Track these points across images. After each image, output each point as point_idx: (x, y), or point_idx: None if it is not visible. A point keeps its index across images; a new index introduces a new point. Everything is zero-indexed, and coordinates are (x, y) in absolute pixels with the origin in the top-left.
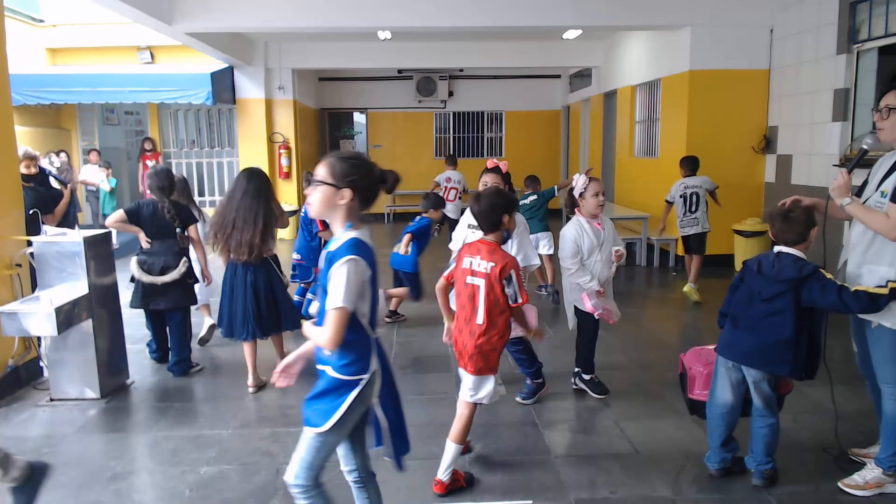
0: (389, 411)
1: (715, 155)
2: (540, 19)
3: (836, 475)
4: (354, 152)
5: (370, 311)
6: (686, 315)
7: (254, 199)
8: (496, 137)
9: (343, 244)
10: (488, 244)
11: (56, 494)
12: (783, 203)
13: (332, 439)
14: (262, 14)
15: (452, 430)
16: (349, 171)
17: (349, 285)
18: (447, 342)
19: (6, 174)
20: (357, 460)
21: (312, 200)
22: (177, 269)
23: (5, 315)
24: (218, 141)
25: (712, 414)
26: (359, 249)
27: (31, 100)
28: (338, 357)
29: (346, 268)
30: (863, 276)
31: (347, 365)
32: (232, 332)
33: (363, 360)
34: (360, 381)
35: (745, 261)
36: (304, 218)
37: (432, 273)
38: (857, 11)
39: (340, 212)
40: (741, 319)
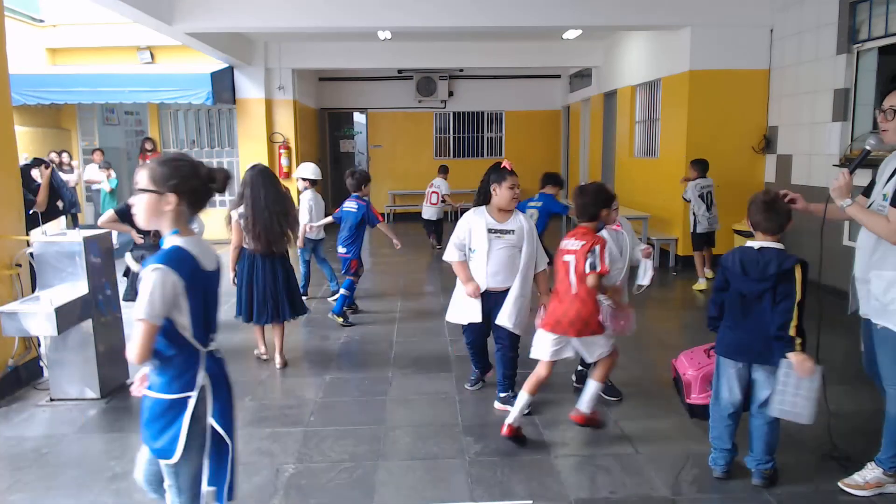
0: (226, 430)
1: (715, 155)
2: (540, 19)
3: (836, 475)
4: (177, 154)
5: (200, 324)
6: (686, 315)
7: (277, 199)
8: (496, 137)
9: (159, 252)
10: (584, 228)
11: (56, 494)
12: (785, 193)
13: (187, 465)
14: (262, 14)
15: (597, 372)
16: (171, 174)
17: (153, 297)
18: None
19: (6, 174)
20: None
21: (137, 210)
22: None
23: (5, 315)
24: (218, 141)
25: (720, 416)
26: (172, 258)
27: (31, 100)
28: (158, 373)
29: (151, 278)
30: (871, 281)
31: (169, 382)
32: (254, 317)
33: (185, 375)
34: (188, 398)
35: (721, 260)
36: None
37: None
38: (857, 11)
39: (168, 218)
40: (741, 321)
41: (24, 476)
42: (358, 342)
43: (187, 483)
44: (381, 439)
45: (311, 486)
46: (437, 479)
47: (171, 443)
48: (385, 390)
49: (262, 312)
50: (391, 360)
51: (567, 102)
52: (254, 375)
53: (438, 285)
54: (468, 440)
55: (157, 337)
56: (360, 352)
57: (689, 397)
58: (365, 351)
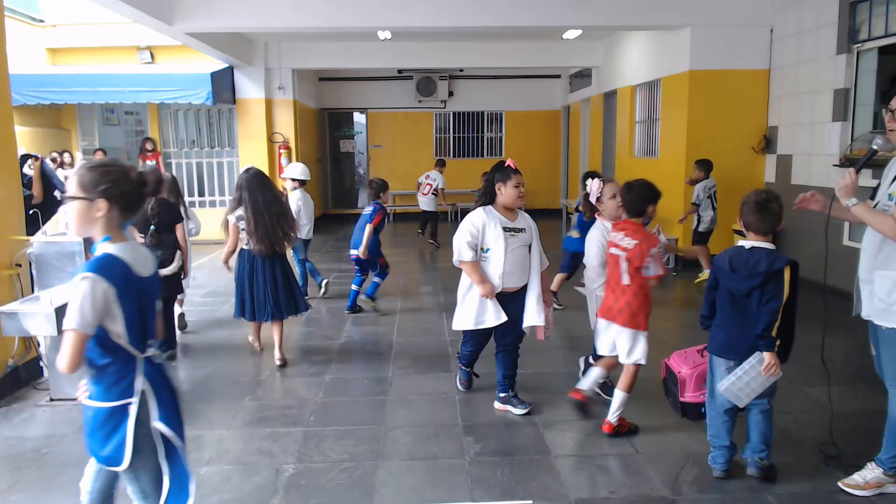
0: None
1: (715, 155)
2: (540, 19)
3: (836, 475)
4: (106, 159)
5: (135, 330)
6: (686, 315)
7: (274, 201)
8: (496, 137)
9: (89, 260)
10: (633, 224)
11: (56, 494)
12: (803, 197)
13: (144, 469)
14: (262, 14)
15: (621, 381)
16: (100, 179)
17: (82, 306)
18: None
19: (6, 174)
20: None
21: (69, 219)
22: (174, 263)
23: (5, 315)
24: (218, 141)
25: (716, 412)
26: (103, 266)
27: (31, 100)
28: (94, 382)
29: (81, 287)
30: (875, 281)
31: (106, 390)
32: (256, 315)
33: (122, 382)
34: (129, 404)
35: (713, 260)
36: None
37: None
38: (857, 11)
39: (99, 225)
40: (731, 319)
41: (24, 476)
42: (358, 342)
43: (150, 486)
44: (381, 439)
45: (311, 486)
46: (437, 479)
47: (118, 450)
48: (385, 390)
49: (262, 311)
50: (391, 360)
51: (567, 102)
52: (254, 375)
53: (438, 285)
54: (468, 440)
55: (89, 345)
56: (360, 352)
57: (683, 395)
58: (365, 351)
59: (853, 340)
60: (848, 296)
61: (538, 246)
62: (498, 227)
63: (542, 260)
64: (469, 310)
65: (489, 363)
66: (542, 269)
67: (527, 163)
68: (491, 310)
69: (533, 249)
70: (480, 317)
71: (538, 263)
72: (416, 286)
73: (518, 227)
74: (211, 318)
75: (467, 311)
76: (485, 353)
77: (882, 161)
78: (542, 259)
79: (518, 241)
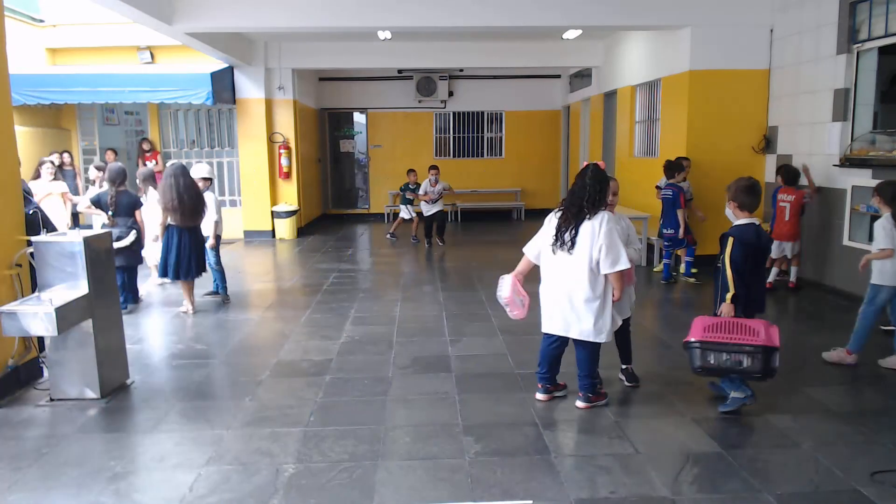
0: None
1: (715, 155)
2: (540, 19)
3: (837, 474)
4: None
5: None
6: (686, 315)
7: (192, 185)
8: (496, 137)
9: None
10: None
11: (56, 494)
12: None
13: None
14: (262, 14)
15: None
16: None
17: None
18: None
19: (6, 174)
20: None
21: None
22: (128, 238)
23: (5, 315)
24: (218, 141)
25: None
26: None
27: (31, 100)
28: None
29: None
30: None
31: None
32: (178, 275)
33: None
34: None
35: (741, 241)
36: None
37: None
38: (857, 11)
39: None
40: (752, 280)
41: (24, 476)
42: (358, 342)
43: None
44: (381, 439)
45: (311, 486)
46: (437, 479)
47: None
48: (385, 390)
49: (188, 270)
50: (391, 360)
51: (567, 102)
52: (253, 375)
53: (438, 285)
54: (468, 440)
55: None
56: (360, 351)
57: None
58: (365, 351)
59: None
60: (848, 295)
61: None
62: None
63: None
64: (610, 317)
65: (493, 363)
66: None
67: (527, 163)
68: (616, 311)
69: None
70: (616, 320)
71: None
72: (416, 286)
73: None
74: (211, 318)
75: (610, 318)
76: (484, 353)
77: (880, 161)
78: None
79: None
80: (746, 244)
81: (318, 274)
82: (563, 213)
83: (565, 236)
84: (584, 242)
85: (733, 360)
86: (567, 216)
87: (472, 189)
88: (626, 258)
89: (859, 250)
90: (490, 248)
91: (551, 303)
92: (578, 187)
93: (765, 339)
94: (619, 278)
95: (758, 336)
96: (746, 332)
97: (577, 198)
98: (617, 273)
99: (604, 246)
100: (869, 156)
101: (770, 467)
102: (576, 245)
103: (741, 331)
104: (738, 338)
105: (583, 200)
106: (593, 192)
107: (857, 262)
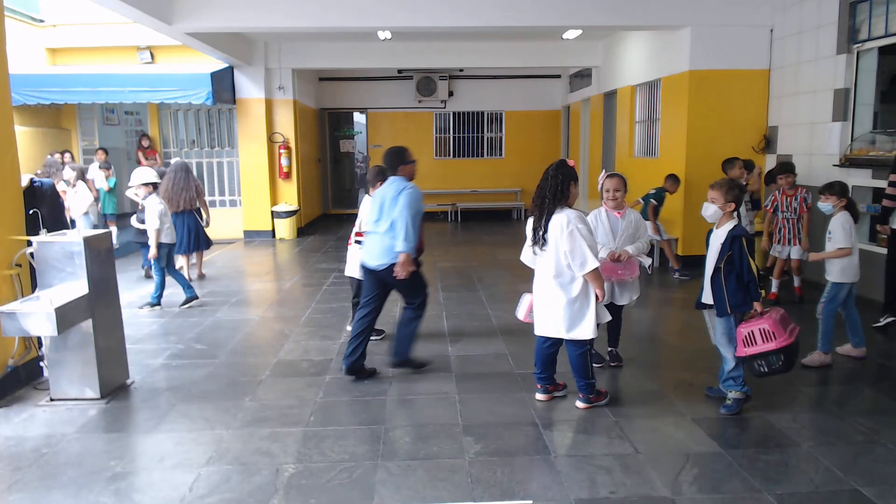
0: None
1: (715, 155)
2: (540, 19)
3: (836, 474)
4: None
5: None
6: (686, 315)
7: (190, 177)
8: (496, 137)
9: None
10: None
11: (56, 494)
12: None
13: None
14: (262, 14)
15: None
16: None
17: None
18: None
19: (6, 174)
20: None
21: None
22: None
23: (5, 315)
24: (218, 141)
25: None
26: None
27: (31, 100)
28: None
29: None
30: None
31: None
32: (181, 249)
33: None
34: None
35: (747, 238)
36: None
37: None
38: (857, 11)
39: None
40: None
41: (24, 476)
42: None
43: None
44: (381, 439)
45: (311, 486)
46: (437, 479)
47: None
48: (385, 390)
49: (189, 245)
50: (391, 361)
51: (567, 102)
52: (253, 375)
53: (437, 285)
54: (468, 440)
55: None
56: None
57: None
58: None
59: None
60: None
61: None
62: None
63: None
64: (594, 315)
65: (493, 363)
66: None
67: (527, 163)
68: (602, 309)
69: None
70: (600, 319)
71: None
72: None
73: None
74: (211, 318)
75: (593, 317)
76: (484, 353)
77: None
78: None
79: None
80: (751, 241)
81: (318, 274)
82: (533, 211)
83: (538, 233)
84: (552, 241)
85: (767, 363)
86: (535, 212)
87: (472, 189)
88: (593, 258)
89: (863, 251)
90: (490, 248)
91: (539, 304)
92: (542, 181)
93: (784, 339)
94: (595, 278)
95: (776, 338)
96: (767, 337)
97: (541, 191)
98: (592, 273)
99: (568, 251)
100: (869, 156)
101: (770, 467)
102: (547, 242)
103: (763, 338)
104: (763, 347)
105: (545, 191)
106: (555, 184)
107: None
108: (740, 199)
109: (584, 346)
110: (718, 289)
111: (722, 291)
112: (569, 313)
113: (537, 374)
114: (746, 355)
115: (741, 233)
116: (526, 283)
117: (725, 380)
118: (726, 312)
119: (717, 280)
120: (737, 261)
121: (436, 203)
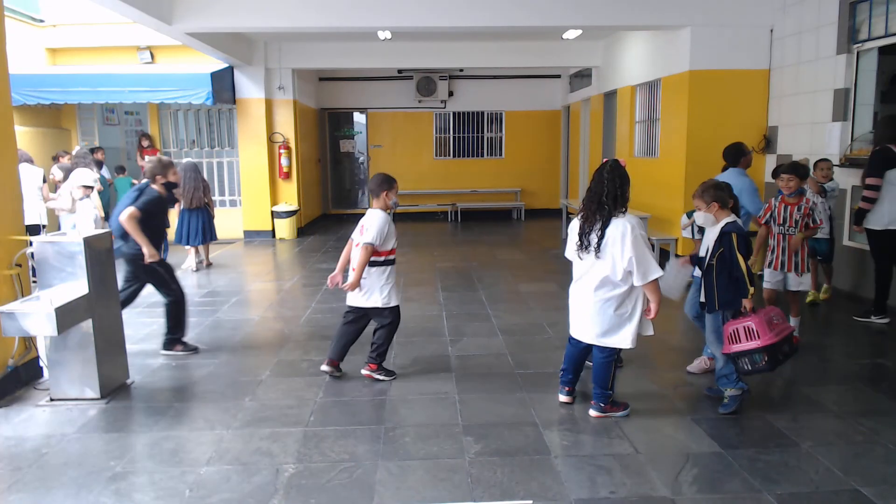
0: None
1: (715, 155)
2: (540, 19)
3: (837, 474)
4: None
5: None
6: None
7: (199, 176)
8: (496, 137)
9: None
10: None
11: (56, 494)
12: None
13: None
14: (262, 14)
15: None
16: None
17: None
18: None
19: (6, 174)
20: None
21: None
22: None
23: (5, 315)
24: (218, 141)
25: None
26: None
27: (31, 100)
28: None
29: None
30: None
31: None
32: (188, 241)
33: None
34: None
35: (741, 235)
36: None
37: None
38: (857, 11)
39: None
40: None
41: (24, 476)
42: (358, 342)
43: None
44: (381, 439)
45: (311, 486)
46: (437, 479)
47: None
48: (385, 390)
49: (195, 237)
50: (391, 360)
51: (567, 102)
52: (254, 375)
53: (437, 285)
54: (468, 440)
55: None
56: (360, 351)
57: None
58: (365, 351)
59: (853, 340)
60: (848, 296)
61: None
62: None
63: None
64: (636, 325)
65: (493, 363)
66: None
67: (527, 163)
68: (646, 321)
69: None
70: (643, 331)
71: None
72: (415, 286)
73: None
74: (211, 318)
75: (634, 327)
76: (484, 353)
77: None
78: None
79: None
80: (745, 237)
81: (318, 274)
82: (583, 213)
83: (590, 238)
84: (610, 249)
85: (750, 361)
86: (587, 215)
87: (472, 189)
88: (658, 267)
89: (860, 250)
90: (490, 248)
91: (578, 307)
92: (596, 183)
93: (769, 338)
94: (655, 289)
95: (760, 337)
96: (751, 335)
97: (595, 195)
98: (653, 283)
99: (633, 258)
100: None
101: (770, 467)
102: (601, 250)
103: (747, 336)
104: (746, 345)
105: (601, 196)
106: (612, 187)
107: (857, 262)
108: (721, 198)
109: (612, 354)
110: (710, 285)
111: (713, 288)
112: (611, 320)
113: (563, 374)
114: (731, 352)
115: (732, 229)
116: (526, 283)
117: (719, 378)
118: (715, 309)
119: (708, 277)
120: (727, 257)
121: (436, 203)
